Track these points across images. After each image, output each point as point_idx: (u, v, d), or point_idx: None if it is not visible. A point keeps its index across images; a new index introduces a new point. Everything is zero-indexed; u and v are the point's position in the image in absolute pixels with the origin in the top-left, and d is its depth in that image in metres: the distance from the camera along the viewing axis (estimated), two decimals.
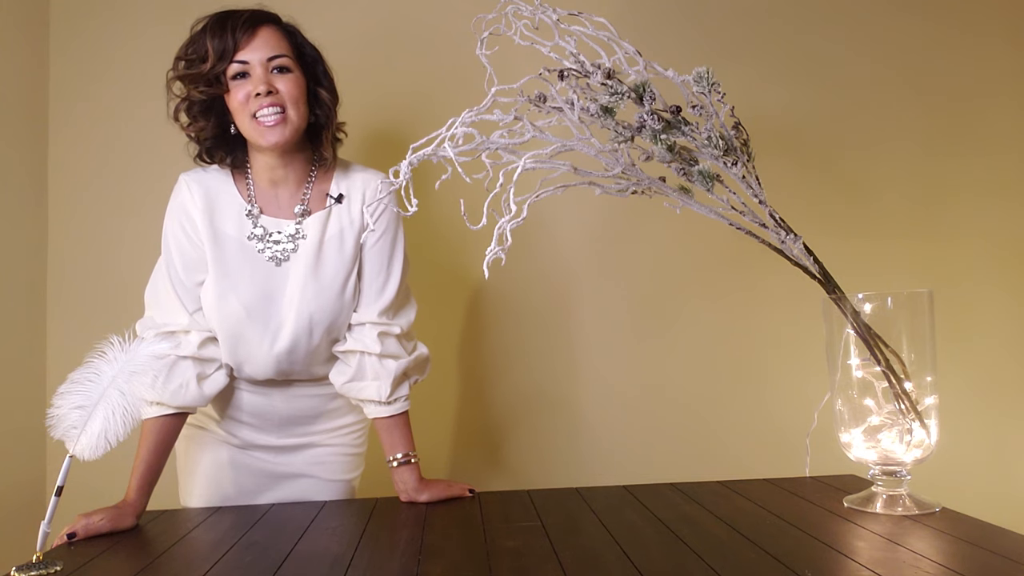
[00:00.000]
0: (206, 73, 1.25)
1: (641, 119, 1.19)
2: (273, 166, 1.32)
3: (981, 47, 2.10)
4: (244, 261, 1.30)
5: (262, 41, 1.26)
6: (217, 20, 1.26)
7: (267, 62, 1.26)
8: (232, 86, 1.26)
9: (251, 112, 1.25)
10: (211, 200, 1.32)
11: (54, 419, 1.06)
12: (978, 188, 2.09)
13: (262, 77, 1.25)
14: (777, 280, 1.93)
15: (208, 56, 1.24)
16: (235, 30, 1.25)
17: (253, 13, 1.28)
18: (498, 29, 1.24)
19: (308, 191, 1.35)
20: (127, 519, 1.20)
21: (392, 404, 1.36)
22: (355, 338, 1.35)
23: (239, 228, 1.32)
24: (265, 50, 1.26)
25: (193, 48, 1.27)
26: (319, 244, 1.32)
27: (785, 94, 2.04)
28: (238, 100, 1.26)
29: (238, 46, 1.25)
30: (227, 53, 1.25)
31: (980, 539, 1.02)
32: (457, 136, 1.11)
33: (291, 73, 1.28)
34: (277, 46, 1.27)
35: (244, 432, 1.39)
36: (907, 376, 1.17)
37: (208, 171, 1.35)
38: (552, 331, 1.98)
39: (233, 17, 1.26)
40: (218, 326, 1.30)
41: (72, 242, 1.87)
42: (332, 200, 1.34)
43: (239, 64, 1.25)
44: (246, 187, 1.34)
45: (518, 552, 1.02)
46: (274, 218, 1.33)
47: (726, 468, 1.88)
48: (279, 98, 1.26)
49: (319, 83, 1.34)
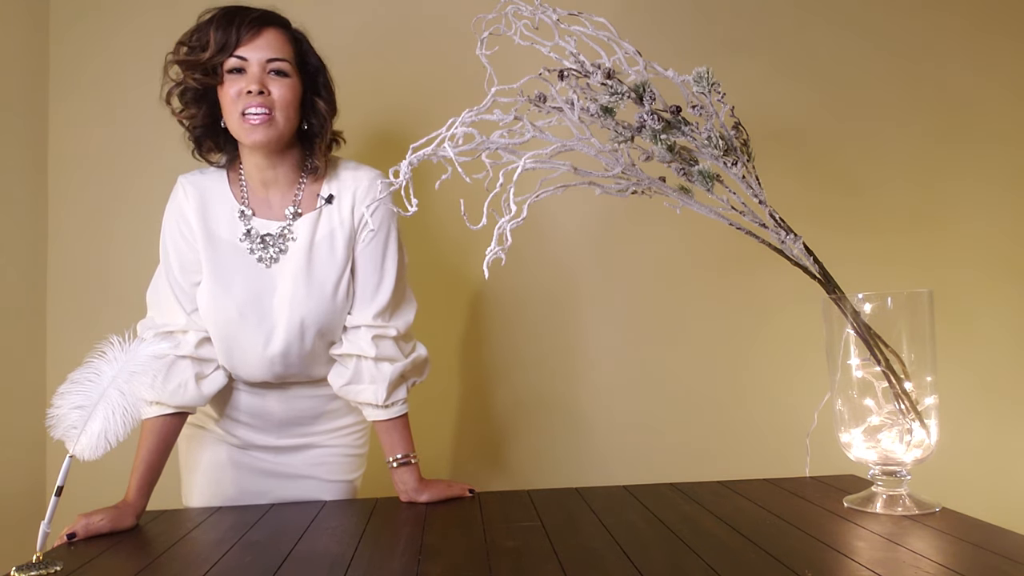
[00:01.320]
0: (204, 62, 1.25)
1: (641, 119, 1.19)
2: (262, 167, 1.32)
3: (982, 46, 2.10)
4: (237, 263, 1.31)
5: (265, 42, 1.26)
6: (225, 13, 1.27)
7: (265, 63, 1.26)
8: (227, 79, 1.26)
9: (240, 109, 1.25)
10: (205, 202, 1.32)
11: (54, 419, 1.05)
12: (978, 188, 2.09)
13: (257, 76, 1.25)
14: (777, 280, 1.93)
15: (209, 46, 1.25)
16: (241, 26, 1.25)
17: (263, 14, 1.28)
18: (498, 29, 1.24)
19: (299, 193, 1.34)
20: (127, 519, 1.20)
21: (390, 408, 1.35)
22: (350, 341, 1.34)
23: (231, 230, 1.32)
24: (266, 51, 1.26)
25: (197, 36, 1.27)
26: (309, 246, 1.31)
27: (785, 94, 2.04)
28: (230, 94, 1.26)
29: (240, 41, 1.25)
30: (228, 46, 1.25)
31: (980, 539, 1.02)
32: (457, 136, 1.11)
33: (288, 78, 1.27)
34: (279, 49, 1.27)
35: (242, 432, 1.39)
36: (907, 376, 1.17)
37: (205, 173, 1.35)
38: (552, 331, 1.98)
39: (242, 13, 1.26)
40: (212, 328, 1.31)
41: (72, 242, 1.88)
42: (323, 201, 1.34)
43: (237, 59, 1.25)
44: (239, 189, 1.34)
45: (518, 552, 1.02)
46: (265, 220, 1.33)
47: (726, 468, 1.88)
48: (269, 100, 1.25)
49: (317, 93, 1.33)
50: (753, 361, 2.00)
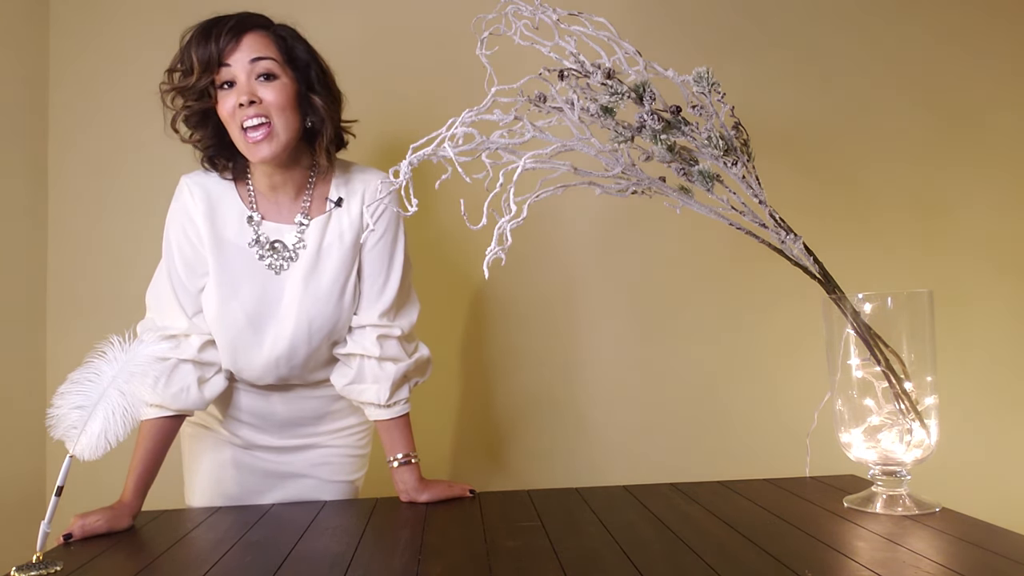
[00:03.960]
0: (192, 86, 1.22)
1: (641, 119, 1.19)
2: (270, 173, 1.30)
3: (983, 52, 2.10)
4: (245, 267, 1.30)
5: (246, 49, 1.22)
6: (202, 29, 1.23)
7: (250, 68, 1.22)
8: (220, 96, 1.23)
9: (239, 124, 1.22)
10: (213, 204, 1.31)
11: (54, 419, 1.05)
12: (979, 188, 2.09)
13: (245, 86, 1.22)
14: (777, 280, 1.93)
15: (194, 68, 1.22)
16: (219, 38, 1.21)
17: (239, 20, 1.24)
18: (498, 29, 1.24)
19: (308, 197, 1.33)
20: (123, 520, 1.20)
21: (392, 407, 1.35)
22: (355, 341, 1.35)
23: (240, 234, 1.31)
24: (251, 53, 1.22)
25: (182, 60, 1.24)
26: (318, 249, 1.31)
27: (785, 94, 2.04)
28: (226, 111, 1.23)
29: (222, 56, 1.21)
30: (212, 63, 1.21)
31: (980, 539, 1.02)
32: (457, 136, 1.11)
33: (277, 80, 1.23)
34: (262, 49, 1.23)
35: (245, 432, 1.39)
36: (907, 376, 1.17)
37: (210, 174, 1.34)
38: (552, 331, 1.98)
39: (218, 25, 1.22)
40: (218, 332, 1.30)
41: (72, 242, 1.87)
42: (332, 204, 1.33)
43: (224, 72, 1.22)
44: (247, 193, 1.33)
45: (518, 552, 1.02)
46: (275, 224, 1.32)
47: (726, 468, 1.88)
48: (263, 108, 1.22)
49: (312, 88, 1.29)
50: (753, 361, 2.00)
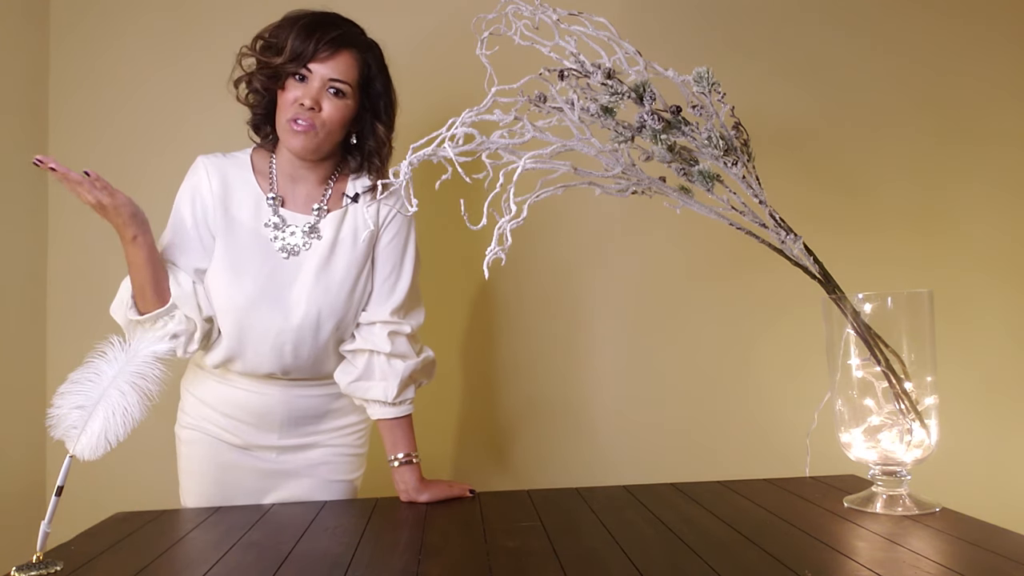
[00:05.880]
0: (275, 66, 1.28)
1: (641, 119, 1.19)
2: (296, 164, 1.35)
3: (982, 45, 2.10)
4: (256, 249, 1.32)
5: (334, 65, 1.28)
6: (309, 24, 1.28)
7: (327, 81, 1.28)
8: (288, 84, 1.29)
9: (290, 115, 1.28)
10: (227, 186, 1.34)
11: (54, 419, 1.05)
12: (979, 188, 2.09)
13: (315, 92, 1.27)
14: (777, 280, 1.93)
15: (284, 52, 1.27)
16: (319, 42, 1.27)
17: (343, 34, 1.29)
18: (498, 29, 1.24)
19: (329, 190, 1.37)
20: (121, 209, 1.23)
21: (398, 406, 1.36)
22: (364, 337, 1.36)
23: (255, 216, 1.33)
24: (332, 72, 1.28)
25: (275, 36, 1.29)
26: (333, 242, 1.34)
27: (785, 94, 2.04)
28: (287, 98, 1.29)
29: (314, 57, 1.27)
30: (302, 59, 1.27)
31: (980, 539, 1.02)
32: (457, 136, 1.11)
33: (343, 99, 1.29)
34: (345, 73, 1.29)
35: (245, 431, 1.39)
36: (907, 376, 1.17)
37: (227, 157, 1.37)
38: (552, 331, 1.98)
39: (324, 28, 1.28)
40: (224, 313, 1.31)
41: (72, 242, 1.88)
42: (348, 200, 1.36)
43: (305, 71, 1.28)
44: (265, 178, 1.36)
45: (518, 552, 1.02)
46: (292, 211, 1.35)
47: (726, 468, 1.88)
48: (317, 117, 1.28)
49: (378, 117, 1.36)
50: (753, 361, 2.00)
